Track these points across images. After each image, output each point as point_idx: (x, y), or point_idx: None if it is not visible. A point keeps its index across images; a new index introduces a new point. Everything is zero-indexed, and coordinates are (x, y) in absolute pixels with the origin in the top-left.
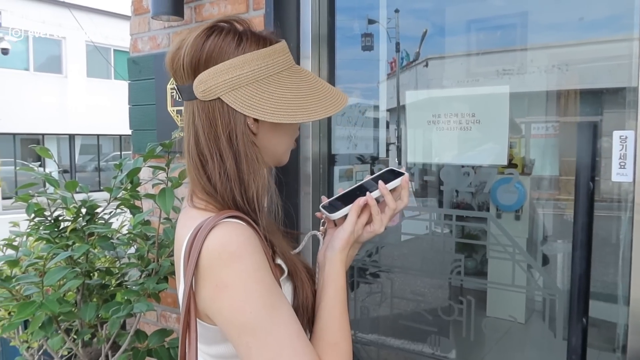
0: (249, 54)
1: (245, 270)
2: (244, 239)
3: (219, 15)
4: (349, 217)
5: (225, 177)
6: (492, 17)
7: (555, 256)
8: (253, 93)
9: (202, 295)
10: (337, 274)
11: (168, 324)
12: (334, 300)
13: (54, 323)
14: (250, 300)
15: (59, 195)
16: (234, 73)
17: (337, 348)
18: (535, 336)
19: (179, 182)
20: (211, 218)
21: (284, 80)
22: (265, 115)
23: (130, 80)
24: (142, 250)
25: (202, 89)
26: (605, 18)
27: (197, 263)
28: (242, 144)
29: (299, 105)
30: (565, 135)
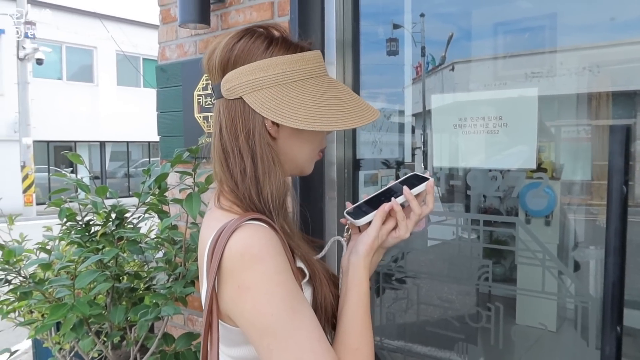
0: (275, 58)
1: (267, 272)
2: (265, 241)
3: (245, 23)
4: (374, 223)
5: (244, 174)
6: (519, 20)
7: (587, 263)
8: (274, 96)
9: (224, 296)
10: (361, 279)
11: (195, 328)
12: (356, 305)
13: (85, 325)
14: (272, 303)
15: (90, 200)
16: (258, 74)
17: (358, 353)
18: (567, 345)
19: (206, 187)
20: (234, 220)
21: (309, 87)
22: (282, 119)
23: (159, 87)
24: (169, 255)
25: (227, 87)
26: (637, 18)
27: (219, 264)
28: (258, 144)
29: (320, 114)
30: (597, 139)
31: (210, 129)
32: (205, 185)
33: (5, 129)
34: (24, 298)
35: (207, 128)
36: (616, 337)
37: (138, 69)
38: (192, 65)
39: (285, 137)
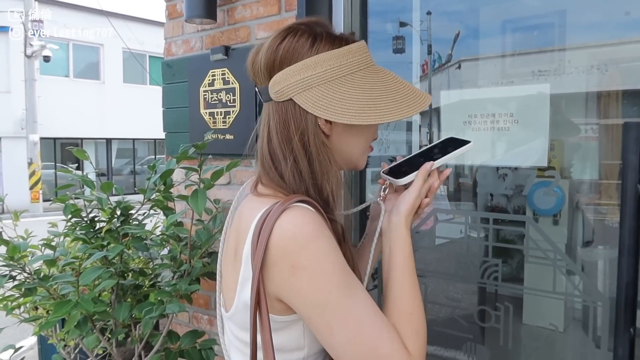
0: (322, 55)
1: (322, 250)
2: (317, 220)
3: (252, 18)
4: (416, 182)
5: (299, 177)
6: (527, 17)
7: (595, 262)
8: (324, 93)
9: (275, 278)
10: (405, 240)
11: (200, 326)
12: (403, 269)
13: (89, 322)
14: (330, 280)
15: (95, 196)
16: (306, 73)
17: (412, 318)
18: (575, 345)
19: (211, 183)
20: (280, 202)
21: (359, 80)
22: (336, 116)
23: (164, 83)
24: (174, 252)
25: (276, 90)
26: None
27: (267, 246)
28: (313, 145)
29: (372, 106)
30: (606, 138)
31: (216, 124)
32: (211, 182)
33: (12, 126)
34: (28, 294)
35: (213, 124)
36: (629, 339)
37: (144, 66)
38: (198, 60)
39: (339, 134)
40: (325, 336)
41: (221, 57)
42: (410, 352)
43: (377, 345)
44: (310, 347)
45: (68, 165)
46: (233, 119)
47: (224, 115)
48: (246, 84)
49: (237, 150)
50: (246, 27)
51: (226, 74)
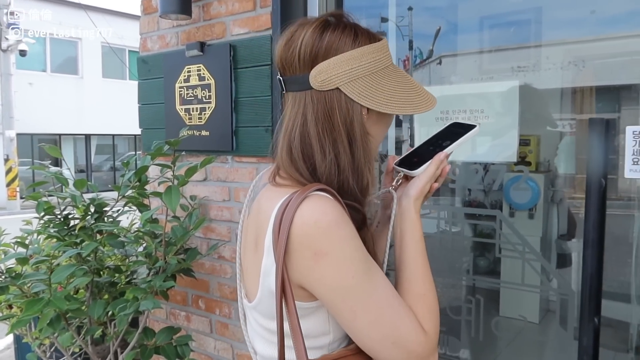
0: (365, 47)
1: (344, 237)
2: (337, 207)
3: (227, 14)
4: (429, 169)
5: (335, 168)
6: (506, 14)
7: (570, 255)
8: (370, 84)
9: (298, 265)
10: (415, 223)
11: (177, 322)
12: (415, 252)
13: (62, 320)
14: (352, 265)
15: (69, 193)
16: (353, 64)
17: (425, 299)
18: (549, 336)
19: (185, 180)
20: (300, 191)
21: (391, 74)
22: (380, 106)
23: (140, 79)
24: (149, 249)
25: (322, 79)
26: (622, 13)
27: (289, 234)
28: (359, 133)
29: (406, 99)
30: (581, 133)
31: (192, 121)
32: (186, 179)
33: None
34: (0, 293)
35: (189, 120)
36: (594, 328)
37: (124, 61)
38: (174, 56)
39: (370, 124)
40: (349, 321)
41: (197, 53)
42: (426, 331)
43: (398, 326)
44: (335, 332)
45: (47, 163)
46: (209, 115)
47: (199, 111)
48: (222, 80)
49: (213, 146)
50: (221, 23)
51: (202, 70)
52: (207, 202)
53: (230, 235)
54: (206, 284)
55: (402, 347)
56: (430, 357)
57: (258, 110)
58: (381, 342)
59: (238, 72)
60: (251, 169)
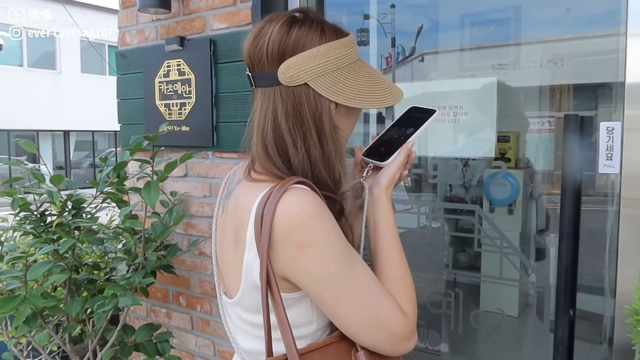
0: (332, 43)
1: (325, 227)
2: (317, 199)
3: (207, 9)
4: (398, 158)
5: (307, 161)
6: (486, 12)
7: (548, 250)
8: (337, 79)
9: (281, 257)
10: (386, 211)
11: (158, 319)
12: (389, 238)
13: (39, 318)
14: (334, 254)
15: (45, 190)
16: (321, 59)
17: (403, 283)
18: (527, 329)
19: (165, 175)
20: (279, 185)
21: (359, 69)
22: (348, 100)
23: (119, 74)
24: (129, 245)
25: (290, 74)
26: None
27: (272, 227)
28: (328, 127)
29: (373, 93)
30: (559, 130)
31: (172, 116)
32: (165, 174)
33: None
34: None
35: (169, 115)
36: (569, 321)
37: (103, 56)
38: (153, 51)
39: (339, 118)
40: (333, 307)
41: (176, 47)
42: (405, 313)
43: (380, 310)
44: (318, 321)
45: (21, 158)
46: (189, 111)
47: (179, 106)
48: (202, 75)
49: (193, 142)
50: (201, 18)
51: (182, 65)
52: (188, 198)
53: (211, 231)
54: (187, 281)
55: (385, 330)
56: (411, 338)
57: (239, 106)
58: (365, 326)
59: (218, 67)
60: (232, 165)
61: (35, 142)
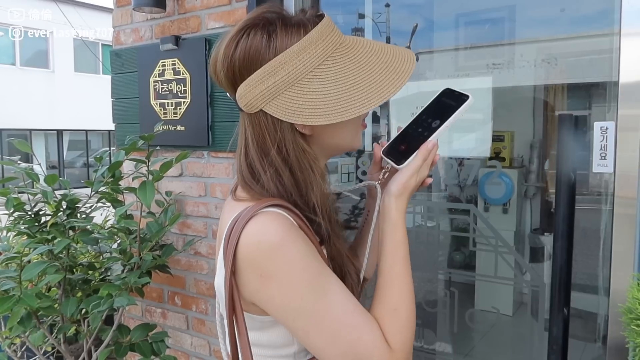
0: (282, 55)
1: (288, 259)
2: (283, 229)
3: (202, 8)
4: (414, 162)
5: (282, 187)
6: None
7: (542, 248)
8: (295, 97)
9: (247, 285)
10: (393, 224)
11: (153, 319)
12: (392, 258)
13: (33, 318)
14: (299, 287)
15: (39, 189)
16: (270, 81)
17: (397, 314)
18: (522, 328)
19: (160, 175)
20: (250, 207)
21: (328, 71)
22: (312, 119)
23: (113, 73)
24: (124, 245)
25: (244, 103)
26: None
27: (235, 253)
28: (293, 155)
29: (348, 98)
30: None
31: (167, 116)
32: (160, 174)
33: None
34: None
35: (164, 115)
36: (563, 319)
37: (97, 55)
38: (148, 50)
39: (322, 130)
40: (303, 339)
41: (171, 47)
42: (391, 348)
43: (356, 345)
44: (299, 343)
45: (14, 158)
46: (184, 110)
47: (174, 106)
48: (197, 74)
49: (189, 141)
50: (197, 17)
51: (177, 64)
52: (183, 198)
53: (207, 231)
54: (182, 280)
55: None
56: None
57: (234, 105)
58: (341, 358)
59: None
60: (227, 164)
61: (28, 141)
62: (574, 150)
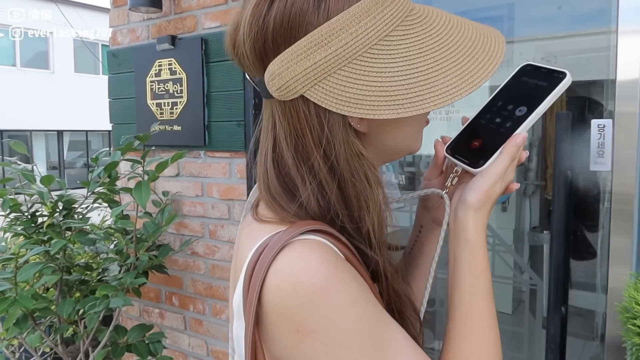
0: (336, 20)
1: (336, 307)
2: (328, 265)
3: (198, 7)
4: (500, 163)
5: (326, 206)
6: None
7: (542, 247)
8: (351, 78)
9: (276, 342)
10: (473, 247)
11: (151, 319)
12: (472, 292)
13: (30, 319)
14: (352, 343)
15: (36, 190)
16: (319, 55)
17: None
18: (521, 326)
19: (156, 175)
20: (281, 233)
21: (397, 45)
22: (375, 110)
23: (110, 73)
24: (120, 245)
25: (278, 86)
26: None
27: (260, 298)
28: (344, 160)
29: (426, 83)
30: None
31: (163, 115)
32: (156, 174)
33: None
34: None
35: (160, 115)
36: (560, 317)
37: (97, 55)
38: (144, 50)
39: (382, 126)
40: None
41: (168, 46)
42: None
43: None
44: None
45: (13, 159)
46: (180, 110)
47: (171, 106)
48: (194, 74)
49: (185, 141)
50: (193, 17)
51: (173, 64)
52: (180, 198)
53: (204, 230)
54: (180, 281)
55: None
56: None
57: (230, 105)
58: None
59: (210, 66)
60: (224, 164)
61: (29, 142)
62: (571, 148)
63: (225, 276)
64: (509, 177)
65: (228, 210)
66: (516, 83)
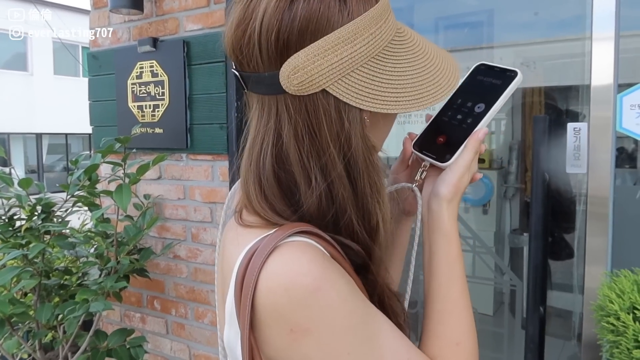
0: (358, 20)
1: (327, 306)
2: (318, 265)
3: (180, 10)
4: (465, 156)
5: (329, 206)
6: (460, 15)
7: (522, 249)
8: (371, 76)
9: (270, 343)
10: (448, 236)
11: (132, 324)
12: (447, 278)
13: (7, 325)
14: (344, 339)
15: (14, 193)
16: (347, 51)
17: (459, 350)
18: (501, 327)
19: (137, 178)
20: (270, 236)
21: (399, 49)
22: (390, 105)
23: (90, 75)
24: (100, 249)
25: (300, 79)
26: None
27: (253, 303)
28: (362, 154)
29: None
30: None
31: (145, 118)
32: (137, 177)
33: None
34: None
35: (142, 118)
36: (539, 318)
37: (77, 57)
38: (125, 52)
39: (377, 122)
40: None
41: (149, 48)
42: None
43: None
44: None
45: None
46: (162, 113)
47: (152, 108)
48: (175, 76)
49: (167, 144)
50: (175, 19)
51: (154, 66)
52: (162, 201)
53: (186, 234)
54: (161, 284)
55: None
56: None
57: (213, 107)
58: None
59: (192, 68)
60: (206, 167)
61: (7, 145)
62: (548, 151)
63: (208, 279)
64: (473, 168)
65: (210, 213)
66: (472, 82)
